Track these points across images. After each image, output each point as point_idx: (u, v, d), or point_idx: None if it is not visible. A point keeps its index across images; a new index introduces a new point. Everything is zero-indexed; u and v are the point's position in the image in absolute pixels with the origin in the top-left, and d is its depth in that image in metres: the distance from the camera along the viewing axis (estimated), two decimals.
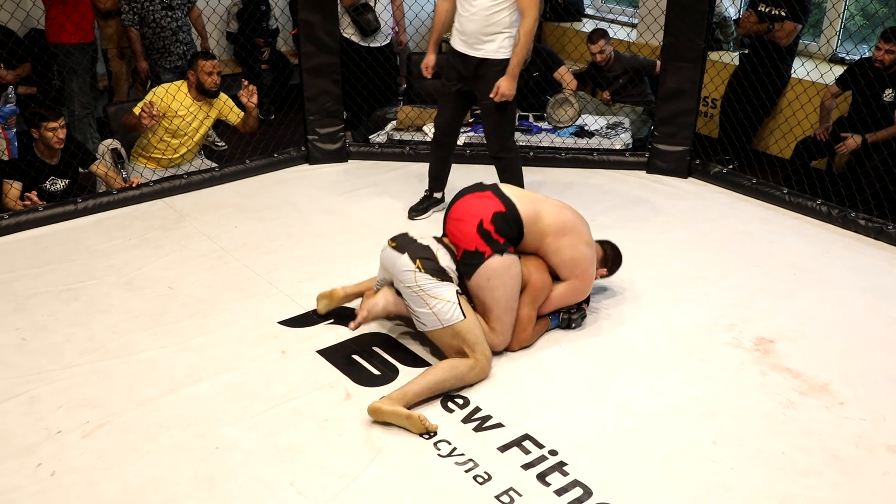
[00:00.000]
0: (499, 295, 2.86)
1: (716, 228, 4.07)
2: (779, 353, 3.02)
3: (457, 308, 2.76)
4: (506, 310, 2.89)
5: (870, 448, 2.53)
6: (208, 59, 4.37)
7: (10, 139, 4.00)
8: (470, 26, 3.64)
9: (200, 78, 4.36)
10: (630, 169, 4.80)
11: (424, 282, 2.78)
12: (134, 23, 5.42)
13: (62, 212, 4.01)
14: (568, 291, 3.06)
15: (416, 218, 4.10)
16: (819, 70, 4.71)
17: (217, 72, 4.39)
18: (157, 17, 5.40)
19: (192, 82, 4.40)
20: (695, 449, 2.52)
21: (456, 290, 2.83)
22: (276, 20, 6.65)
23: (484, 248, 2.85)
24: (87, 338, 3.04)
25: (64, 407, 2.65)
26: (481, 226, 2.85)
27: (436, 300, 2.76)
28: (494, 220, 2.86)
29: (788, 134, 4.95)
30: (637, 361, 2.97)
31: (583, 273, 3.04)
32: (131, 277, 3.49)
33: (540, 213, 2.97)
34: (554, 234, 2.97)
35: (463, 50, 3.72)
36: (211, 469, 2.39)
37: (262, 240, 3.83)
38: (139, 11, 5.38)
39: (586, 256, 3.04)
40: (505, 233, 2.88)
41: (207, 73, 4.35)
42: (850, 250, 3.86)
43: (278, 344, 3.02)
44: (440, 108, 4.02)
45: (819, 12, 5.70)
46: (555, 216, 3.00)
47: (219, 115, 4.54)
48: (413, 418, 2.54)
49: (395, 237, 2.97)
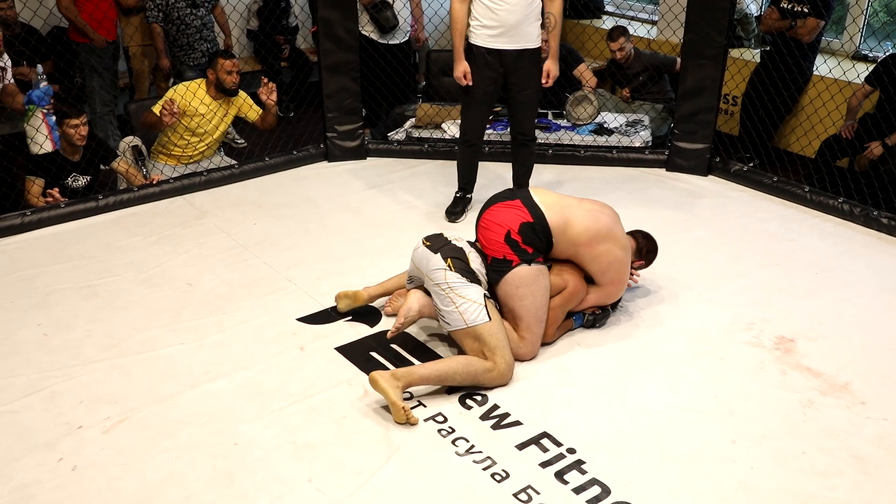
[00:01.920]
0: (528, 303, 2.86)
1: (736, 227, 4.04)
2: (799, 352, 3.00)
3: (482, 310, 2.76)
4: (536, 319, 2.88)
5: (891, 448, 2.50)
6: (228, 59, 4.39)
7: (52, 127, 4.00)
8: (511, 18, 3.63)
9: (220, 77, 4.38)
10: (649, 167, 4.77)
11: (454, 280, 2.78)
12: (158, 19, 5.46)
13: (83, 208, 4.05)
14: (601, 296, 3.09)
15: (457, 221, 4.09)
16: (842, 67, 4.66)
17: (237, 71, 4.41)
18: (182, 14, 5.43)
19: (212, 81, 4.42)
20: (713, 448, 2.50)
21: (484, 293, 2.82)
22: (296, 17, 6.67)
23: (512, 256, 2.85)
24: (107, 334, 3.07)
25: (84, 402, 2.68)
26: (509, 235, 2.86)
27: (462, 299, 2.76)
28: (522, 230, 2.86)
29: (810, 132, 4.90)
30: (656, 360, 2.95)
31: (618, 278, 3.07)
32: (151, 274, 3.51)
33: (570, 221, 2.93)
34: (587, 243, 2.95)
35: (499, 46, 3.70)
36: (229, 465, 2.41)
37: (281, 237, 3.85)
38: (164, 8, 5.42)
39: (622, 262, 3.04)
40: (533, 243, 2.88)
41: (227, 72, 4.37)
42: (872, 249, 3.82)
43: (296, 341, 3.04)
44: (471, 111, 3.94)
45: (842, 9, 5.63)
46: (587, 224, 2.95)
47: (238, 112, 4.56)
48: (397, 407, 2.54)
49: (429, 237, 2.98)
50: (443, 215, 4.12)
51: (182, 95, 4.35)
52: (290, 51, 6.49)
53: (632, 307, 3.29)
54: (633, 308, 3.29)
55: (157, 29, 5.48)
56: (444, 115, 5.10)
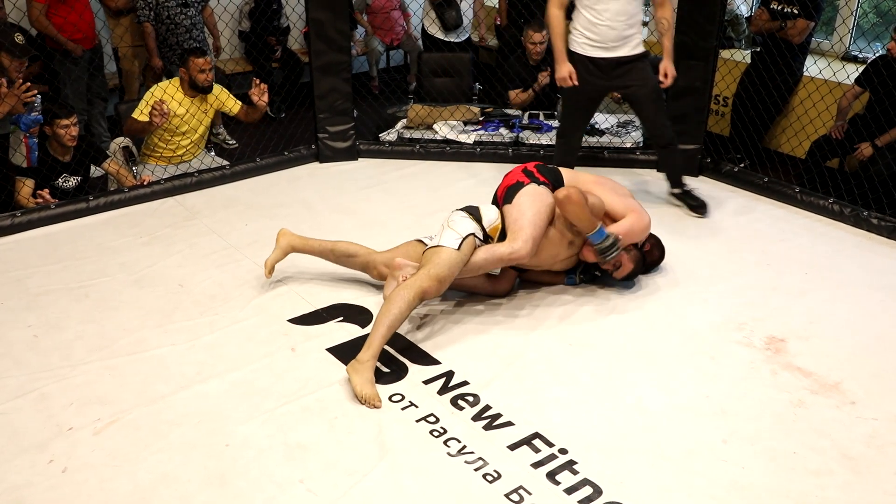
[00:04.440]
0: (525, 207, 3.06)
1: (727, 227, 4.06)
2: (790, 351, 3.01)
3: (459, 239, 2.96)
4: (529, 222, 3.03)
5: (881, 448, 2.52)
6: (200, 56, 4.38)
7: (31, 147, 4.01)
8: (612, 33, 3.79)
9: (193, 75, 4.38)
10: (641, 167, 4.78)
11: (455, 214, 3.10)
12: (149, 19, 5.44)
13: (74, 209, 4.04)
14: (629, 225, 3.24)
15: None
16: (832, 68, 4.68)
17: (209, 68, 4.41)
18: (173, 14, 5.42)
19: (185, 79, 4.42)
20: (705, 448, 2.51)
21: (472, 232, 3.02)
22: (287, 18, 6.66)
23: (524, 179, 3.17)
24: (99, 335, 3.06)
25: (75, 404, 2.66)
26: (525, 168, 3.25)
27: (449, 229, 3.02)
28: (538, 166, 3.27)
29: (801, 132, 4.92)
30: (648, 360, 2.96)
31: (635, 207, 3.29)
32: (142, 275, 3.50)
33: (578, 176, 3.38)
34: (594, 183, 3.32)
35: (600, 55, 3.83)
36: (221, 466, 2.40)
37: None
38: (155, 7, 5.40)
39: (631, 198, 3.38)
40: (547, 175, 3.22)
41: (200, 71, 4.37)
42: (863, 249, 3.84)
43: (288, 341, 3.03)
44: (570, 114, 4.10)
45: (832, 10, 5.66)
46: (595, 178, 3.39)
47: (220, 107, 4.56)
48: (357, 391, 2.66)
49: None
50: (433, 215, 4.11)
51: (159, 97, 4.33)
52: (282, 52, 6.48)
53: (623, 306, 3.30)
54: (625, 307, 3.29)
55: (149, 28, 5.46)
56: (435, 115, 5.11)
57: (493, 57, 6.65)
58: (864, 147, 4.63)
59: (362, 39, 7.09)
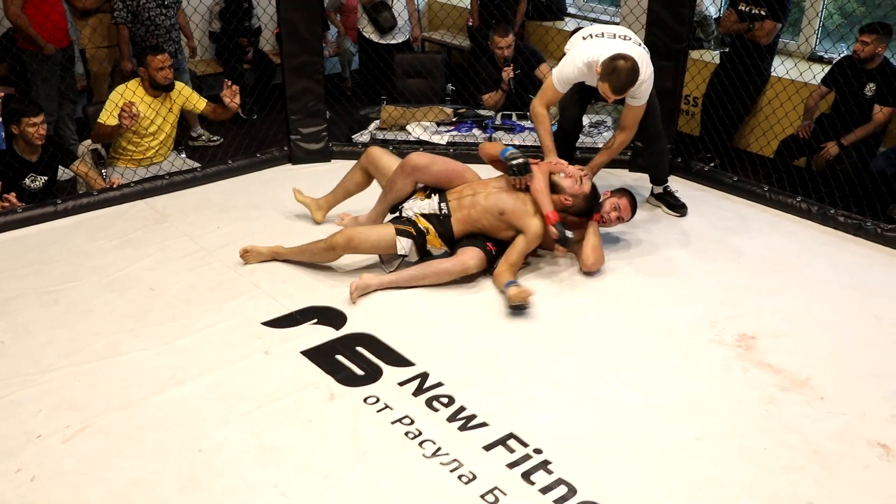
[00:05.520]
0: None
1: (698, 226, 4.10)
2: (761, 349, 3.05)
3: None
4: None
5: (851, 443, 2.56)
6: (158, 54, 4.35)
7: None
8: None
9: (152, 74, 4.35)
10: (612, 167, 4.80)
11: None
12: (126, 20, 5.37)
13: (42, 213, 3.98)
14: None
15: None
16: (798, 69, 4.75)
17: (168, 66, 4.37)
18: (152, 15, 5.37)
19: (145, 78, 4.38)
20: (679, 446, 2.53)
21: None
22: (259, 19, 6.62)
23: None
24: (69, 340, 3.02)
25: (44, 410, 2.63)
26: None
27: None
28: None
29: (769, 132, 4.99)
30: (622, 359, 2.98)
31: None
32: (113, 279, 3.46)
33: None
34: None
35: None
36: (195, 471, 2.38)
37: (245, 240, 3.80)
38: (134, 9, 5.33)
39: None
40: None
41: (159, 68, 4.34)
42: (831, 247, 3.89)
43: (262, 344, 3.01)
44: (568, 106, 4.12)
45: (798, 11, 5.74)
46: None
47: (185, 105, 4.51)
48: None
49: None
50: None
51: (119, 100, 4.27)
52: (254, 53, 6.44)
53: (596, 305, 3.32)
54: (599, 306, 3.32)
55: (125, 31, 5.40)
56: (408, 116, 5.10)
57: (466, 58, 6.67)
58: (830, 146, 4.71)
59: (335, 41, 7.07)
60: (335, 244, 3.36)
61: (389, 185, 3.59)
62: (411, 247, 3.39)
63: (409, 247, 3.38)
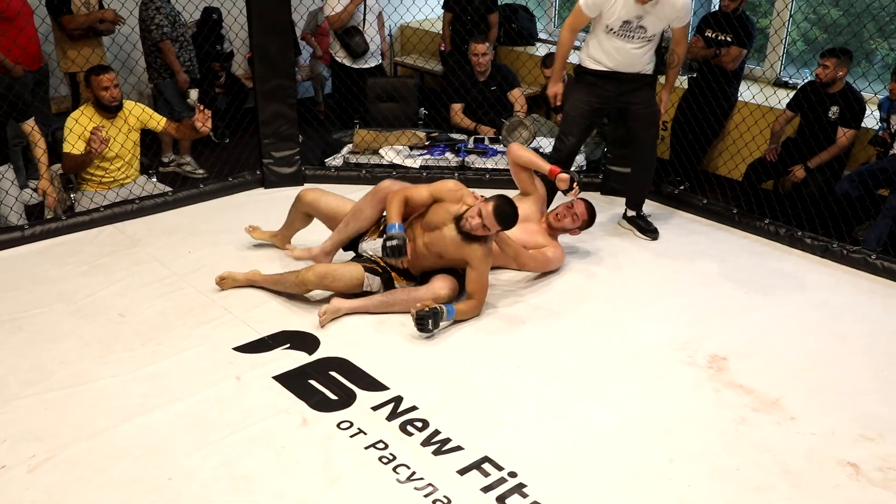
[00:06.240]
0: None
1: (668, 248, 4.14)
2: (731, 370, 3.07)
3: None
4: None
5: (821, 462, 2.58)
6: (102, 74, 4.19)
7: None
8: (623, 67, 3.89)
9: (97, 94, 4.21)
10: (584, 190, 4.81)
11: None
12: (169, 36, 5.40)
13: (8, 238, 3.92)
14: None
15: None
16: (764, 93, 4.84)
17: (114, 84, 4.21)
18: (182, 31, 5.44)
19: (92, 100, 4.27)
20: (652, 467, 2.54)
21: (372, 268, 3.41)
22: (231, 43, 6.62)
23: None
24: (34, 368, 2.96)
25: (8, 441, 2.57)
26: None
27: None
28: None
29: (737, 155, 5.07)
30: (595, 381, 2.99)
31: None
32: (81, 305, 3.41)
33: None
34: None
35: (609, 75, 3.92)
36: (165, 500, 2.34)
37: (217, 265, 3.77)
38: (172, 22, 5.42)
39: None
40: None
41: (103, 88, 4.18)
42: (799, 268, 3.95)
43: (233, 370, 2.98)
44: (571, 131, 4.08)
45: (763, 38, 5.86)
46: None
47: (143, 125, 4.41)
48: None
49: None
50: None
51: (72, 127, 4.16)
52: (226, 77, 6.43)
53: (569, 328, 3.33)
54: (571, 329, 3.33)
55: (168, 45, 5.42)
56: (381, 140, 5.11)
57: (438, 82, 6.72)
58: (796, 169, 4.80)
59: (307, 65, 7.08)
60: (306, 280, 3.34)
61: (356, 215, 3.53)
62: (379, 284, 3.40)
63: (378, 284, 3.39)
